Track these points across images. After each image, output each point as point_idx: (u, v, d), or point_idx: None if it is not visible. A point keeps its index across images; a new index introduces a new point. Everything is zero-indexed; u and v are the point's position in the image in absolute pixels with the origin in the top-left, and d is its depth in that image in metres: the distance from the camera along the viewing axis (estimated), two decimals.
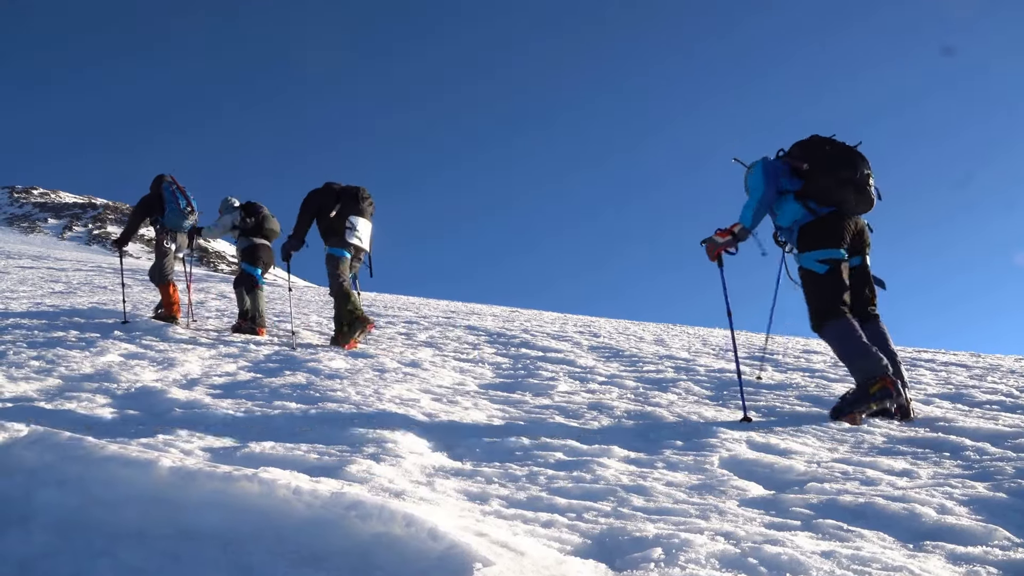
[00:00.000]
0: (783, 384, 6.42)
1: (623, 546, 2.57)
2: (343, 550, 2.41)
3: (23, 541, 2.54)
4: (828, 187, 5.09)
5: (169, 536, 2.59)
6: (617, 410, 5.05)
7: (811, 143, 5.26)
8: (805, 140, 5.32)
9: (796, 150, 5.29)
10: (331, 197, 8.36)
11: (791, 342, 11.34)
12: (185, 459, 3.11)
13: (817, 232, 5.11)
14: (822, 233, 5.10)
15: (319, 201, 8.37)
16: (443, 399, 5.30)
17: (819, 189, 5.11)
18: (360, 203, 8.36)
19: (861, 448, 4.13)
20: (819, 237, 5.10)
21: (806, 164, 5.14)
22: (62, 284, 16.90)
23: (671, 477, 3.49)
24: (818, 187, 5.11)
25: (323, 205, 8.34)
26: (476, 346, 8.86)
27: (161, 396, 5.00)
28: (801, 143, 5.31)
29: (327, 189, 8.45)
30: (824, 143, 5.22)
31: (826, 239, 5.09)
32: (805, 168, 5.14)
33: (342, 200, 8.33)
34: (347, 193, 8.37)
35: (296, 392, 5.29)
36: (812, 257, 5.10)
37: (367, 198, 8.47)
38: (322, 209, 8.35)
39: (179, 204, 9.71)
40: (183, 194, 9.77)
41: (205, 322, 10.44)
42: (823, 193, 5.12)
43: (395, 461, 3.56)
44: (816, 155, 5.16)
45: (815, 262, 5.08)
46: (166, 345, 7.55)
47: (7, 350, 6.90)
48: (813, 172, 5.11)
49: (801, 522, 2.90)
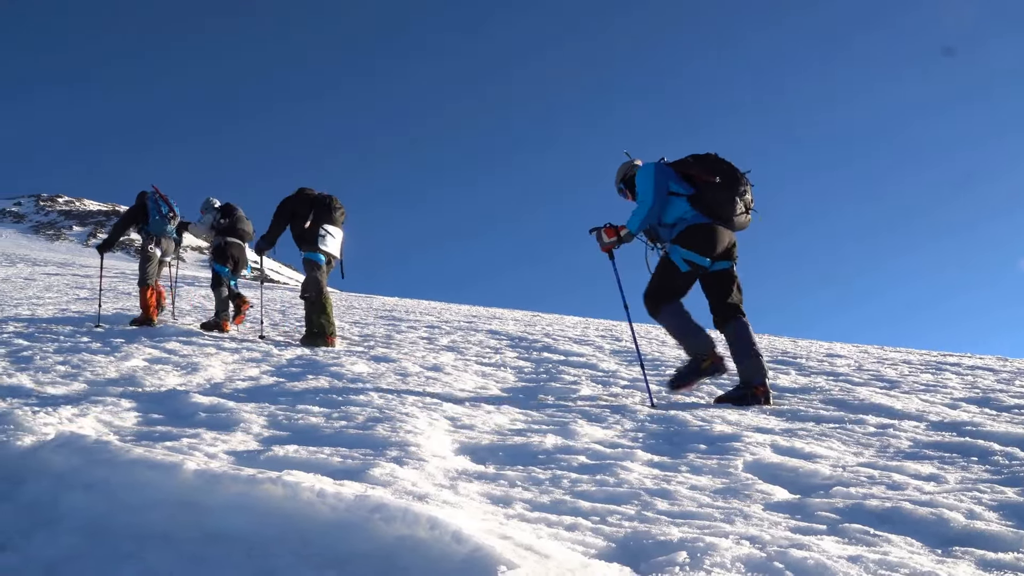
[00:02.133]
0: (807, 388, 6.37)
1: (648, 549, 2.56)
2: (367, 553, 2.41)
3: (51, 544, 2.56)
4: (722, 201, 5.64)
5: (194, 539, 2.60)
6: (640, 414, 5.03)
7: (712, 160, 5.80)
8: (703, 155, 5.84)
9: (696, 161, 5.81)
10: (305, 205, 8.81)
11: (814, 346, 11.26)
12: (210, 462, 3.13)
13: (697, 236, 5.63)
14: (700, 239, 5.62)
15: (292, 207, 8.81)
16: (465, 403, 5.30)
17: (713, 200, 5.65)
18: (332, 212, 8.84)
19: (887, 452, 4.09)
20: (697, 241, 5.61)
21: (717, 176, 5.66)
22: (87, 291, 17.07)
23: (695, 481, 3.47)
24: (714, 198, 5.65)
25: (296, 211, 8.79)
26: (498, 350, 8.86)
27: (185, 400, 5.03)
28: (700, 156, 5.84)
29: (302, 196, 8.88)
30: (723, 163, 5.77)
31: (701, 246, 5.61)
32: (717, 180, 5.65)
33: (315, 209, 8.79)
34: (320, 202, 8.81)
35: (319, 396, 5.30)
36: (681, 254, 5.62)
37: (339, 208, 8.94)
38: (295, 215, 8.79)
39: (161, 211, 10.48)
40: (165, 201, 10.53)
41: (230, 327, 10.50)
42: (715, 204, 5.65)
43: (418, 464, 3.56)
44: (720, 170, 5.72)
45: (681, 260, 5.62)
46: (190, 350, 7.61)
47: (34, 355, 6.97)
48: (715, 185, 5.65)
49: (827, 526, 2.88)
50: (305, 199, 8.86)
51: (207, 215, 10.69)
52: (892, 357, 9.37)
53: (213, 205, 10.75)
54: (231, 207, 10.64)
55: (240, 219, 10.60)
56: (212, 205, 10.77)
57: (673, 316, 5.66)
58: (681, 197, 5.73)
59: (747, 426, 4.69)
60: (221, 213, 10.50)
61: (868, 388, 6.37)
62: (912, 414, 5.15)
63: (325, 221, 8.74)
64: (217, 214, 10.55)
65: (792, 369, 7.68)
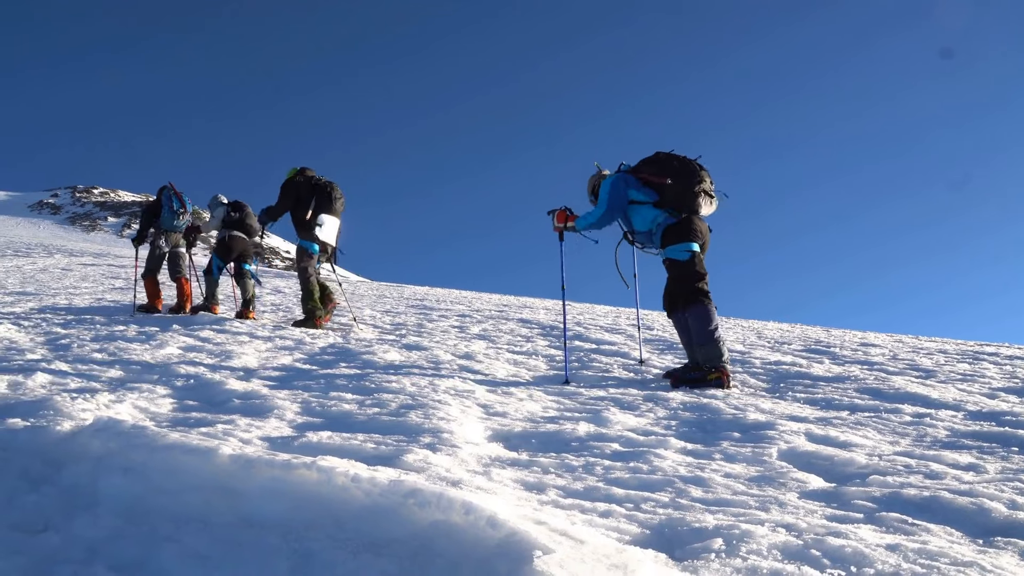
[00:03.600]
0: (841, 377, 6.31)
1: (683, 536, 2.55)
2: (402, 537, 2.42)
3: (91, 525, 2.60)
4: (683, 197, 6.02)
5: (230, 523, 2.62)
6: (673, 402, 5.00)
7: (661, 159, 6.16)
8: (652, 157, 6.22)
9: (646, 166, 6.19)
10: (308, 191, 9.25)
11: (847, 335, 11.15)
12: (244, 447, 3.15)
13: (678, 230, 5.99)
14: (682, 231, 5.98)
15: (297, 192, 9.24)
16: (498, 390, 5.30)
17: (676, 197, 6.02)
18: (333, 202, 9.29)
19: (923, 442, 4.04)
20: (680, 234, 5.97)
21: (668, 179, 6.01)
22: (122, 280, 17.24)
23: (729, 469, 3.45)
24: (675, 196, 6.02)
25: (300, 196, 9.23)
26: (529, 339, 8.85)
27: (219, 387, 5.07)
28: (649, 160, 6.21)
29: (306, 182, 9.31)
30: (672, 158, 6.13)
31: (685, 235, 5.97)
32: (669, 182, 6.00)
33: (317, 196, 9.23)
34: (321, 190, 9.26)
35: (352, 383, 5.33)
36: (675, 249, 5.97)
37: (339, 196, 9.40)
38: (299, 200, 9.22)
39: (172, 206, 11.04)
40: (178, 198, 11.12)
41: (261, 316, 10.60)
42: (679, 200, 6.02)
43: (451, 451, 3.57)
44: (670, 169, 6.06)
45: (679, 252, 5.96)
46: (224, 338, 7.67)
47: (72, 343, 7.06)
48: (671, 184, 5.99)
49: (864, 515, 2.85)
50: (309, 186, 9.28)
51: (217, 211, 11.10)
52: (927, 346, 9.25)
53: (221, 201, 11.19)
54: (241, 203, 11.10)
55: (249, 215, 11.01)
56: (220, 201, 11.19)
57: (699, 315, 5.85)
58: (647, 204, 6.12)
59: (781, 415, 4.66)
60: (232, 207, 10.96)
61: (903, 377, 6.29)
62: (949, 403, 5.08)
63: (324, 209, 9.18)
64: (228, 207, 10.98)
65: (826, 358, 7.60)
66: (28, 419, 3.77)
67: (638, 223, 6.18)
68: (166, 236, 11.21)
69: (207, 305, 10.63)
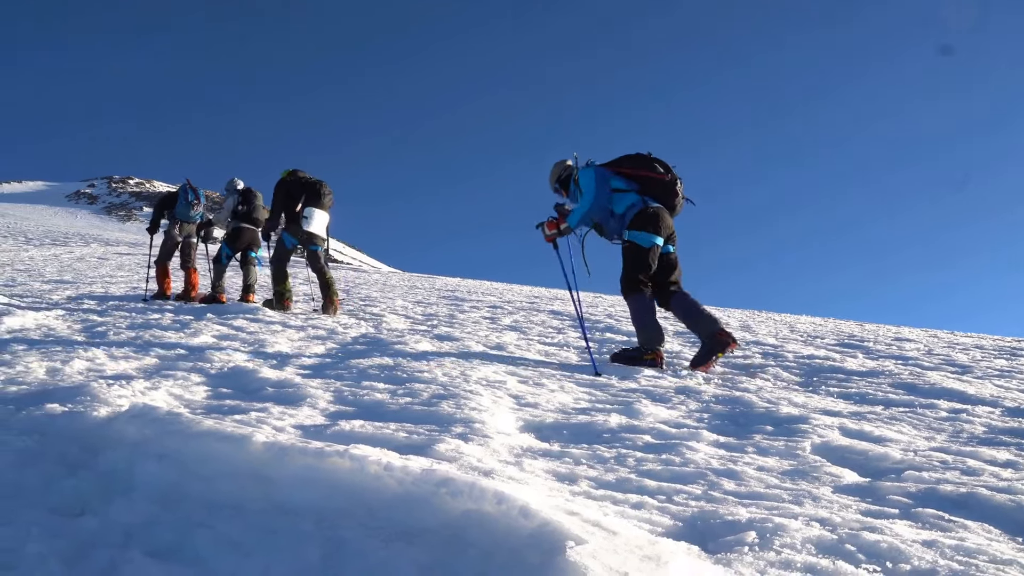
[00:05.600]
0: (875, 371, 6.25)
1: (715, 529, 2.53)
2: (434, 527, 2.42)
3: (128, 510, 2.63)
4: (666, 192, 6.57)
5: (264, 510, 2.64)
6: (705, 394, 4.98)
7: (644, 159, 6.64)
8: (638, 155, 6.69)
9: (628, 161, 6.67)
10: (298, 187, 9.93)
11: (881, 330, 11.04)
12: (278, 435, 3.17)
13: (647, 219, 6.43)
14: (652, 220, 6.43)
15: (287, 189, 9.94)
16: (529, 381, 5.30)
17: (660, 189, 6.56)
18: (321, 198, 9.94)
19: (960, 437, 3.99)
20: (648, 223, 6.42)
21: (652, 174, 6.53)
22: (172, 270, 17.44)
23: (762, 462, 3.43)
24: (659, 188, 6.56)
25: (291, 193, 9.92)
26: (560, 330, 8.85)
27: (253, 375, 5.11)
28: (632, 157, 6.69)
29: (295, 179, 10.02)
30: (654, 161, 6.63)
31: (653, 226, 6.42)
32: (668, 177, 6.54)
33: (306, 193, 9.90)
34: (311, 187, 9.93)
35: (384, 373, 5.35)
36: (640, 235, 6.41)
37: (328, 193, 10.04)
38: (290, 196, 9.91)
39: (187, 198, 11.73)
40: (193, 191, 11.85)
41: (293, 305, 10.68)
42: (662, 192, 6.56)
43: (483, 441, 3.57)
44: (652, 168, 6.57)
45: (643, 238, 6.39)
46: (257, 327, 7.74)
47: (108, 331, 7.16)
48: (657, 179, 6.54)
49: (899, 510, 2.81)
50: (298, 182, 9.97)
51: (229, 199, 11.54)
52: (963, 342, 9.14)
53: (236, 187, 11.62)
54: (251, 194, 11.54)
55: (257, 208, 11.47)
56: (235, 187, 11.63)
57: (638, 305, 6.36)
58: (629, 192, 6.58)
59: (814, 408, 4.62)
60: (242, 198, 11.42)
61: (939, 372, 6.22)
62: (986, 399, 5.01)
63: (313, 205, 9.85)
64: (238, 197, 11.44)
65: (859, 352, 7.54)
66: (66, 405, 3.82)
67: (618, 207, 6.59)
68: (180, 226, 11.94)
69: (214, 295, 11.04)
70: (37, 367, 5.03)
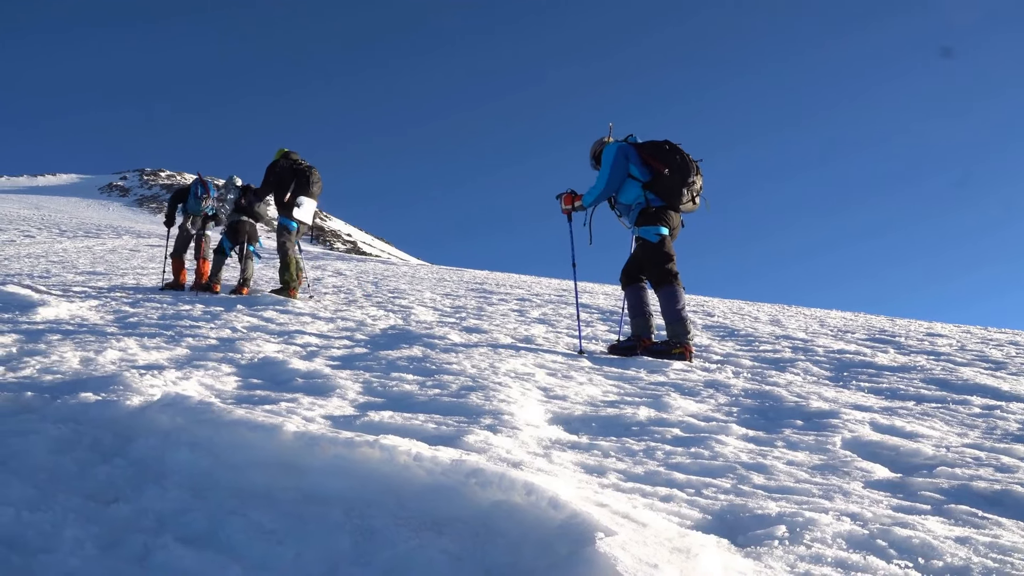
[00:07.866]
0: (907, 367, 6.18)
1: (745, 523, 2.52)
2: (463, 517, 2.44)
3: (160, 497, 2.66)
4: (672, 187, 6.50)
5: (294, 498, 2.66)
6: (734, 388, 4.96)
7: (667, 149, 6.57)
8: (659, 143, 6.62)
9: (652, 148, 6.60)
10: (289, 174, 10.10)
11: (913, 325, 10.92)
12: (308, 425, 3.19)
13: (653, 214, 6.54)
14: (655, 216, 6.53)
15: (280, 175, 10.14)
16: (558, 374, 5.30)
17: (664, 187, 6.50)
18: (311, 186, 10.07)
19: (994, 434, 3.95)
20: (652, 218, 6.53)
21: (667, 169, 6.47)
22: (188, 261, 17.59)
23: (792, 456, 3.41)
24: (664, 185, 6.50)
25: (282, 179, 10.11)
26: (588, 323, 8.84)
27: (283, 366, 5.15)
28: (657, 143, 6.62)
29: (287, 164, 10.18)
30: (676, 151, 6.56)
31: (656, 220, 6.53)
32: (666, 172, 6.47)
33: (296, 180, 10.06)
34: (301, 174, 10.07)
35: (412, 364, 5.37)
36: (647, 230, 6.53)
37: (317, 180, 10.17)
38: (281, 182, 10.11)
39: (198, 192, 12.28)
40: (203, 185, 12.32)
41: (323, 297, 10.75)
42: (666, 190, 6.51)
43: (512, 432, 3.58)
44: (671, 161, 6.51)
45: (649, 233, 6.51)
46: (286, 319, 7.79)
47: (140, 321, 7.24)
48: (667, 175, 6.46)
49: (931, 506, 2.79)
50: (290, 170, 10.11)
51: (231, 195, 12.12)
52: (997, 338, 9.02)
53: (236, 184, 12.16)
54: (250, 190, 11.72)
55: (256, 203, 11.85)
56: (235, 184, 12.17)
57: (670, 298, 6.38)
58: (637, 182, 6.59)
59: (844, 403, 4.58)
60: (243, 193, 11.77)
61: (972, 368, 6.14)
62: (1021, 396, 4.95)
63: (303, 192, 10.00)
64: (239, 192, 11.86)
65: (891, 347, 7.46)
66: (99, 393, 3.87)
67: (624, 196, 6.70)
68: (192, 219, 12.32)
69: (209, 284, 11.50)
70: (71, 357, 5.09)
